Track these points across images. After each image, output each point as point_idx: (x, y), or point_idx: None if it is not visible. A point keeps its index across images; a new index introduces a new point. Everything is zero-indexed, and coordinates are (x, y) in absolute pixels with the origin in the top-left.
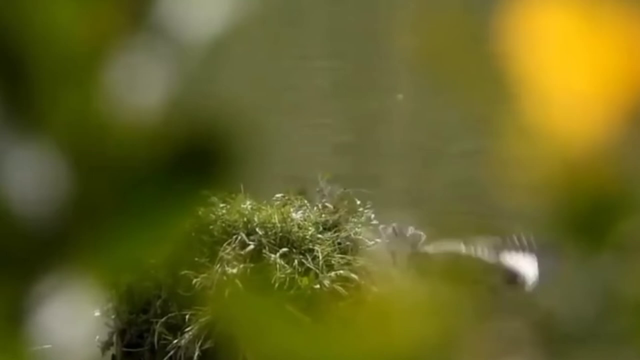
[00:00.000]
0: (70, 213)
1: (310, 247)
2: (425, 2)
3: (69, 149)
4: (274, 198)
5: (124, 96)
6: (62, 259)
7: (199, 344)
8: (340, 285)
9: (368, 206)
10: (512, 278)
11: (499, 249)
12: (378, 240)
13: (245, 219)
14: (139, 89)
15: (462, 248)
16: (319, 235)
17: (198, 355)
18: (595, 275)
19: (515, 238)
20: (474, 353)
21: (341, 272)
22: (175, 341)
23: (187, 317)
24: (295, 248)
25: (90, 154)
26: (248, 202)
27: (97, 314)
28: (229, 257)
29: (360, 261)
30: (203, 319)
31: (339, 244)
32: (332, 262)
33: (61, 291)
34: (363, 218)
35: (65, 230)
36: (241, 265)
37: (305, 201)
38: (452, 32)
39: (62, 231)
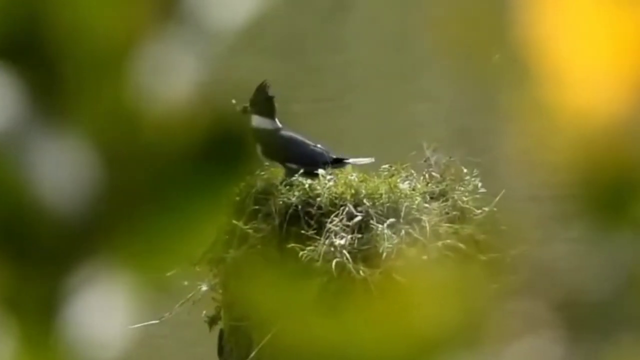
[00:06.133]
0: (104, 204)
1: (418, 216)
2: None
3: (102, 140)
4: (381, 169)
5: (154, 86)
6: (97, 251)
7: None
8: (448, 254)
9: (475, 174)
10: None
11: None
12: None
13: (352, 191)
14: (169, 79)
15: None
16: (426, 205)
17: None
18: (616, 253)
19: None
20: (496, 333)
21: (448, 241)
22: None
23: None
24: (402, 218)
25: (122, 145)
26: (355, 174)
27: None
28: (336, 228)
29: (467, 229)
30: None
31: (447, 213)
32: (440, 231)
33: (96, 283)
34: (470, 186)
35: (99, 222)
36: (349, 236)
37: (412, 171)
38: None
39: (96, 223)
